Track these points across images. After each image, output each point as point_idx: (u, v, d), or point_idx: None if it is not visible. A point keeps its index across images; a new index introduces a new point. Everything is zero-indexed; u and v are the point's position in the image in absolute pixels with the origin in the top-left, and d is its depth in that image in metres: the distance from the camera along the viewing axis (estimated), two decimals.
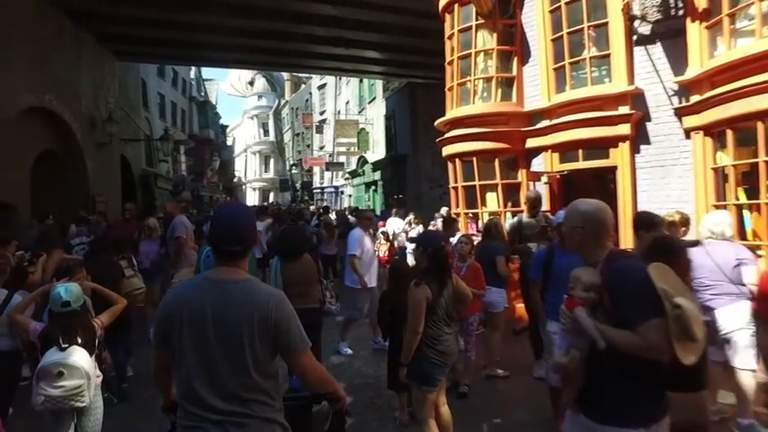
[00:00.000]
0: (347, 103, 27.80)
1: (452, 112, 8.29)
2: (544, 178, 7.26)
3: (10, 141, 9.27)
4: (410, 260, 7.88)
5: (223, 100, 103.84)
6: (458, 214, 8.36)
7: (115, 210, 12.64)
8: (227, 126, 46.85)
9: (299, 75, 41.15)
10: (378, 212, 17.38)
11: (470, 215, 8.28)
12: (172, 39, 13.63)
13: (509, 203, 7.93)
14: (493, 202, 8.01)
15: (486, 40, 8.00)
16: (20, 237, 7.14)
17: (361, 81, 24.78)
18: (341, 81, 28.73)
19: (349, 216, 14.32)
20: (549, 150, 7.36)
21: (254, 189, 49.18)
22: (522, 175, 7.81)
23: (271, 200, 42.86)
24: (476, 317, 5.04)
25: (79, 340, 2.73)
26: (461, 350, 4.64)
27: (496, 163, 7.82)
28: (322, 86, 33.28)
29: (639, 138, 6.20)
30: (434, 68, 12.48)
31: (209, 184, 31.97)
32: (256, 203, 39.90)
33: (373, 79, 21.88)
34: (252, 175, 49.68)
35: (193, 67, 29.65)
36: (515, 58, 7.86)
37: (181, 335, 1.75)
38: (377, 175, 22.26)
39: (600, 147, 6.59)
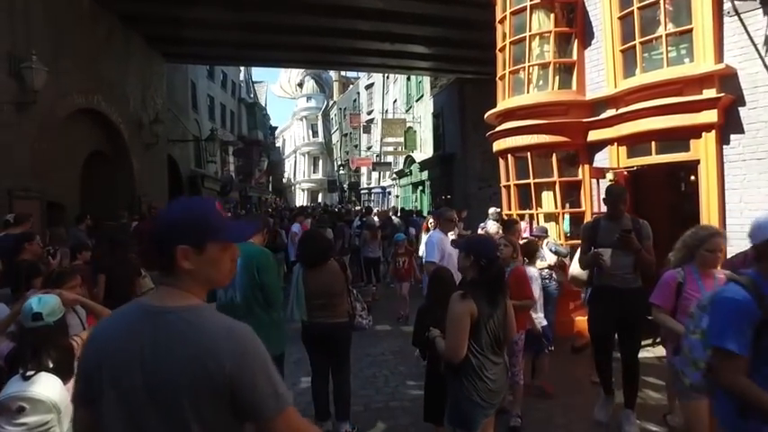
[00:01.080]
0: (394, 101, 27.32)
1: (504, 103, 7.53)
2: (609, 175, 6.38)
3: (61, 142, 9.46)
4: None
5: (273, 102, 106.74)
6: (509, 215, 7.59)
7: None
8: (276, 127, 47.63)
9: (347, 75, 41.19)
10: (425, 213, 16.82)
11: (524, 217, 7.50)
12: (217, 39, 13.63)
13: (567, 204, 7.11)
14: (549, 202, 7.19)
15: (542, 22, 7.20)
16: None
17: (408, 79, 24.21)
18: (388, 80, 28.29)
19: (393, 217, 13.78)
20: (615, 143, 6.47)
21: (303, 190, 49.79)
22: (583, 172, 6.95)
23: (319, 200, 43.18)
24: (521, 335, 4.19)
25: (50, 364, 2.29)
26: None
27: (554, 158, 6.99)
28: (369, 86, 32.99)
29: (730, 126, 5.22)
30: (484, 63, 11.77)
31: (258, 185, 32.37)
32: (305, 204, 40.31)
33: (420, 76, 21.24)
34: (301, 176, 50.29)
35: (242, 70, 30.14)
36: (576, 41, 7.01)
37: (101, 394, 1.19)
38: (424, 175, 21.61)
39: (678, 138, 5.65)
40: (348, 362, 3.95)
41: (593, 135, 6.74)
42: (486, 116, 8.13)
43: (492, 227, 6.87)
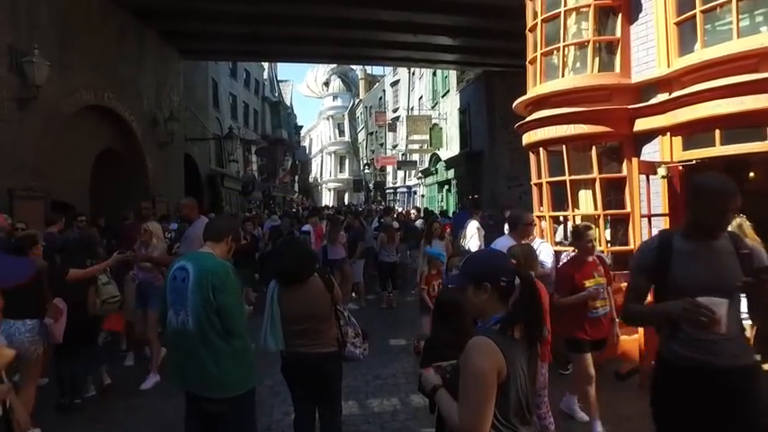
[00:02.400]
0: (420, 98, 26.54)
1: (535, 90, 6.64)
2: (662, 170, 5.41)
3: (69, 139, 9.19)
4: None
5: (300, 102, 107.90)
6: (541, 217, 6.71)
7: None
8: (301, 126, 47.47)
9: (373, 73, 40.70)
10: (450, 214, 16.03)
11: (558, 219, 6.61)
12: (235, 33, 13.26)
13: (609, 204, 6.18)
14: (588, 202, 6.27)
15: None
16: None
17: (434, 74, 23.40)
18: (414, 76, 27.57)
19: (416, 220, 12.99)
20: (668, 133, 5.52)
21: (330, 190, 49.54)
22: (628, 167, 6.00)
23: (346, 200, 42.80)
24: (544, 368, 3.42)
25: None
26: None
27: (593, 152, 6.07)
28: (395, 83, 32.32)
29: None
30: (512, 54, 10.97)
31: (282, 185, 32.06)
32: (331, 204, 39.99)
33: (446, 69, 20.40)
34: (327, 175, 50.05)
35: (266, 68, 29.87)
36: (619, 15, 6.08)
37: None
38: (450, 174, 20.73)
39: (752, 124, 4.67)
40: (338, 400, 3.20)
41: (641, 124, 5.81)
42: (514, 105, 7.25)
43: None
